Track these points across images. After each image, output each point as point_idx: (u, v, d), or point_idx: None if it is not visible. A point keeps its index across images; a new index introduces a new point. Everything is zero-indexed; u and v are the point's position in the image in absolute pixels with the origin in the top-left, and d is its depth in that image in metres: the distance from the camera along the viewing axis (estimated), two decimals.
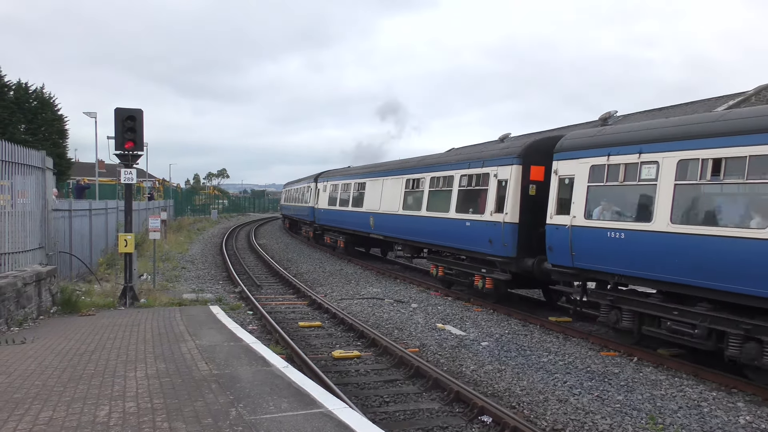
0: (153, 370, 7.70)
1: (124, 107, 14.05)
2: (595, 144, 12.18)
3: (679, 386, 9.44)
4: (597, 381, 9.64)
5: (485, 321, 14.30)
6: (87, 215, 20.59)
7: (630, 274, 11.08)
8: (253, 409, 6.11)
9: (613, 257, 11.33)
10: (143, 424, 5.65)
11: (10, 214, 11.62)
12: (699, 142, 9.86)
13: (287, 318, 14.46)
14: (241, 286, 18.70)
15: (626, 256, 11.03)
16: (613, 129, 12.67)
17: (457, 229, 16.87)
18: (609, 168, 11.58)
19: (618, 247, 11.16)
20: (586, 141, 12.54)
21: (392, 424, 7.78)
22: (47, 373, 7.54)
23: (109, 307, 13.66)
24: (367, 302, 16.75)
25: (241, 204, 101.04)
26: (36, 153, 13.23)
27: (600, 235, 11.57)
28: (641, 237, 10.68)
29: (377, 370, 10.26)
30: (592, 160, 12.02)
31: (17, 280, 11.08)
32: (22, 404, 6.24)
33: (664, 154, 10.44)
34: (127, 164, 14.27)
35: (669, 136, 10.52)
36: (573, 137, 13.15)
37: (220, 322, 11.60)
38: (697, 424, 7.88)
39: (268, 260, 26.36)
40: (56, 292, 13.31)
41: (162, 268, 21.76)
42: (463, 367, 10.43)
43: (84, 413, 5.96)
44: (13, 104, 40.77)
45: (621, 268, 11.21)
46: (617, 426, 7.79)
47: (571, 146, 12.88)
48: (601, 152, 11.82)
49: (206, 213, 73.88)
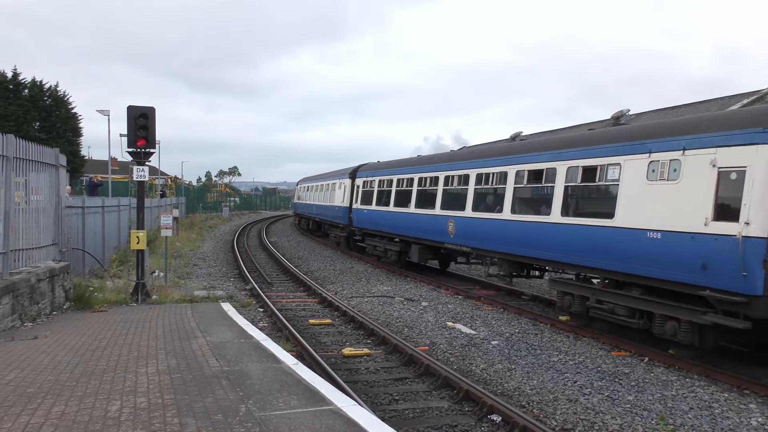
0: (164, 366, 7.75)
1: (136, 105, 14.17)
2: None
3: (690, 387, 9.37)
4: (607, 381, 9.59)
5: (495, 320, 14.27)
6: (100, 212, 20.77)
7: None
8: (262, 405, 6.15)
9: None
10: (154, 419, 5.69)
11: (24, 211, 11.74)
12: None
13: (297, 315, 14.51)
14: (252, 283, 18.77)
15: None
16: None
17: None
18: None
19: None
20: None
21: (401, 422, 7.78)
22: (60, 368, 7.62)
23: (121, 304, 13.76)
24: (378, 300, 16.76)
25: (252, 202, 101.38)
26: (50, 150, 13.36)
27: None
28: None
29: (387, 368, 10.27)
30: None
31: (31, 276, 11.20)
32: (35, 398, 6.31)
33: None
34: (139, 162, 14.38)
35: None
36: None
37: (230, 319, 11.67)
38: (708, 425, 7.83)
39: (279, 258, 26.44)
40: (69, 288, 13.44)
41: (173, 265, 21.88)
42: (473, 366, 10.41)
43: (95, 408, 6.02)
44: (27, 102, 41.09)
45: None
46: (627, 426, 7.75)
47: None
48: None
49: (218, 210, 74.25)
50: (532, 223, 14.35)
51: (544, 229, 13.76)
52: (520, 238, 14.80)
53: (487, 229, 16.29)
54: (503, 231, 15.49)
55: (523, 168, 15.04)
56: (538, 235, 14.04)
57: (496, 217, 15.87)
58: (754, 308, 9.00)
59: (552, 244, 13.51)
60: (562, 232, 13.14)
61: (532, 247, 14.34)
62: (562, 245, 13.17)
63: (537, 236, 14.09)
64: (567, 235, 12.99)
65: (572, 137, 14.73)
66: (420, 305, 16.02)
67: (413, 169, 22.20)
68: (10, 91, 41.06)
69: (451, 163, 19.30)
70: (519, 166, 15.23)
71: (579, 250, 12.63)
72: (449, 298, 17.18)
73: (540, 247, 14.02)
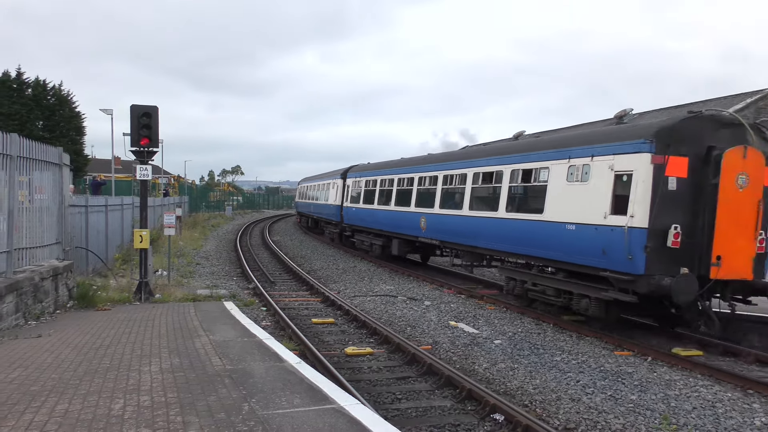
0: (167, 365, 7.77)
1: (139, 104, 14.17)
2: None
3: (694, 386, 9.36)
4: (610, 380, 9.58)
5: (498, 319, 14.26)
6: (103, 211, 20.81)
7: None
8: (265, 404, 6.15)
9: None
10: (157, 417, 5.71)
11: (27, 210, 11.76)
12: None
13: (300, 314, 14.52)
14: (255, 282, 18.80)
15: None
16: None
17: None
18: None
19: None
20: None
21: (404, 420, 7.78)
22: (63, 367, 7.64)
23: (124, 302, 13.79)
24: (380, 299, 16.77)
25: (255, 201, 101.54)
26: (53, 149, 13.38)
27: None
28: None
29: (390, 367, 10.27)
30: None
31: (34, 275, 11.23)
32: (38, 396, 6.33)
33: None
34: (142, 161, 14.40)
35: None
36: None
37: (233, 318, 11.68)
38: (711, 425, 7.82)
39: (282, 257, 26.47)
40: (73, 287, 13.47)
41: (177, 264, 21.92)
42: (476, 365, 10.41)
43: (99, 406, 6.04)
44: (31, 101, 41.23)
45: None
46: (630, 426, 7.74)
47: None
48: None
49: (221, 209, 74.37)
50: (485, 218, 16.45)
51: (494, 223, 15.93)
52: (477, 232, 16.94)
53: (452, 224, 18.47)
54: (464, 225, 17.67)
55: (479, 170, 17.29)
56: (490, 229, 16.17)
57: (457, 213, 18.12)
58: (639, 285, 11.22)
59: (500, 237, 15.69)
60: (507, 225, 15.33)
61: (486, 240, 16.50)
62: (507, 237, 15.34)
63: (489, 230, 16.25)
64: (511, 228, 15.16)
65: (515, 144, 17.06)
66: (423, 304, 16.02)
67: (393, 170, 24.57)
68: (14, 90, 41.21)
69: (424, 166, 21.65)
70: (475, 169, 17.49)
71: (520, 242, 14.77)
72: (452, 297, 17.18)
73: (491, 239, 16.19)
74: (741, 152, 11.26)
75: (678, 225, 11.07)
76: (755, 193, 11.36)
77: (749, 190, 11.31)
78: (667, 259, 11.07)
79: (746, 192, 11.31)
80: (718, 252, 11.09)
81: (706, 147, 11.33)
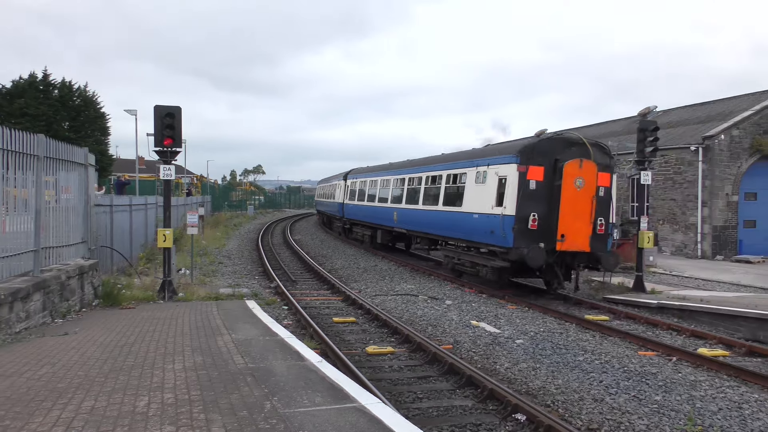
0: (190, 363, 7.85)
1: (162, 105, 14.32)
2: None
3: (720, 387, 9.22)
4: (634, 381, 9.47)
5: (520, 318, 14.18)
6: (128, 210, 21.08)
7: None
8: (287, 402, 6.19)
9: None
10: (181, 414, 5.77)
11: (54, 209, 11.95)
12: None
13: (322, 313, 14.57)
14: (277, 281, 18.90)
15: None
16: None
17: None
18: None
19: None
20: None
21: (425, 420, 7.77)
22: (89, 364, 7.76)
23: (148, 301, 13.96)
24: (401, 299, 16.77)
25: (276, 200, 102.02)
26: (79, 150, 13.57)
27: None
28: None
29: (411, 367, 10.27)
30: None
31: (61, 274, 11.41)
32: (65, 393, 6.43)
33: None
34: (165, 161, 14.55)
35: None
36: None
37: (255, 317, 11.76)
38: (738, 426, 7.69)
39: (303, 256, 26.58)
40: (98, 286, 13.66)
41: (199, 263, 22.13)
42: (497, 365, 10.36)
43: (124, 403, 6.12)
44: (57, 102, 41.82)
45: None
46: (654, 426, 7.65)
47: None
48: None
49: (243, 209, 74.88)
50: (432, 211, 21.54)
51: (436, 215, 21.07)
52: (427, 222, 22.06)
53: (413, 217, 23.60)
54: (420, 217, 22.79)
55: (429, 174, 22.57)
56: (434, 219, 21.28)
57: (416, 208, 23.26)
58: (510, 255, 15.89)
59: (440, 225, 20.88)
60: (443, 216, 20.46)
61: (433, 228, 21.60)
62: (444, 226, 20.52)
63: (434, 220, 21.35)
64: (445, 218, 20.29)
65: (451, 155, 22.55)
66: (444, 304, 15.98)
67: (378, 174, 30.28)
68: (40, 92, 41.83)
69: (397, 170, 27.30)
70: (427, 173, 22.78)
71: (451, 228, 19.87)
72: (473, 297, 17.12)
73: (436, 227, 21.32)
74: (578, 163, 15.76)
75: (535, 213, 15.72)
76: (590, 191, 15.88)
77: (585, 190, 15.83)
78: (528, 236, 15.64)
79: (583, 191, 15.82)
80: (562, 232, 15.70)
81: (554, 159, 15.85)
